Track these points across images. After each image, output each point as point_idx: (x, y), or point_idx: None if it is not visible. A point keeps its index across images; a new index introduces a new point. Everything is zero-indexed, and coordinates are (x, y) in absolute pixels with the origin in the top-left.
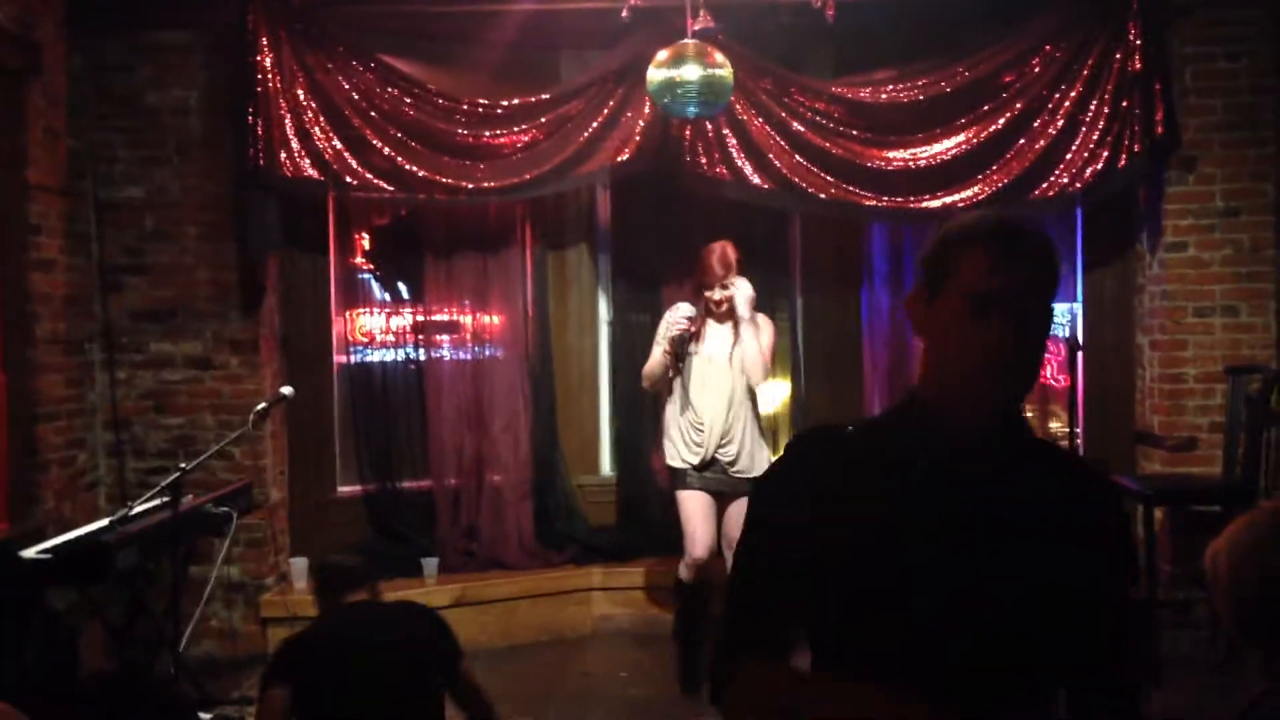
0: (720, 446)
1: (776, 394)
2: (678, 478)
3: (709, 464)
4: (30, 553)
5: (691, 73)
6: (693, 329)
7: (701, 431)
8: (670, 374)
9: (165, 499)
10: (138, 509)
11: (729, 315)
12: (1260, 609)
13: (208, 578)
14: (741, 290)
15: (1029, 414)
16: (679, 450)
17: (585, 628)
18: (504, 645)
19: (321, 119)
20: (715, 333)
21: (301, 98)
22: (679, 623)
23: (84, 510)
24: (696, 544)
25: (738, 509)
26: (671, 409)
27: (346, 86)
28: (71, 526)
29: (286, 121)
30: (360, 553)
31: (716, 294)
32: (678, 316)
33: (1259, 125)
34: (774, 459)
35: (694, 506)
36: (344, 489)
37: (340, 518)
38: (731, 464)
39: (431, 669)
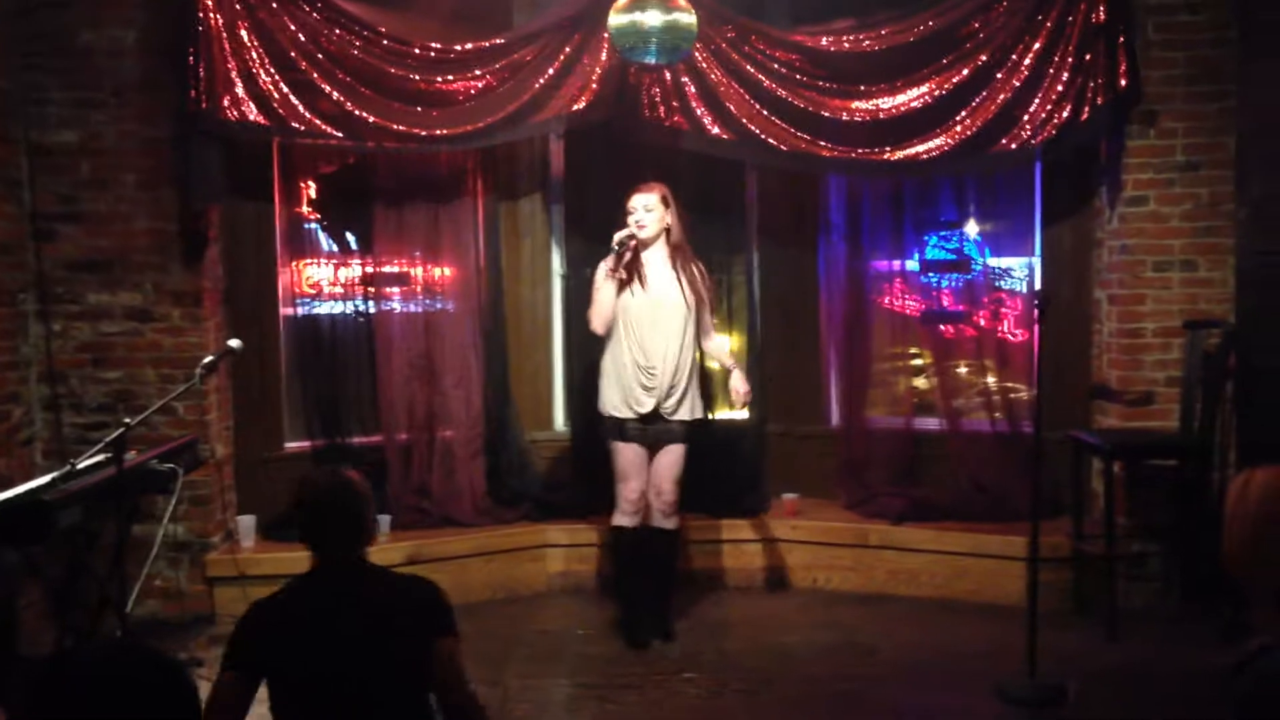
0: (668, 392)
1: (731, 345)
2: (615, 428)
3: (653, 414)
4: None
5: (654, 18)
6: (634, 244)
7: (654, 375)
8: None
9: (108, 455)
10: (82, 465)
11: (654, 238)
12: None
13: (152, 537)
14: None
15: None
16: (622, 400)
17: (540, 584)
18: (458, 603)
19: (266, 61)
20: (661, 273)
21: (245, 38)
22: (622, 575)
23: (20, 467)
24: (632, 487)
25: (667, 457)
26: (611, 356)
27: (292, 27)
28: (7, 484)
29: (229, 63)
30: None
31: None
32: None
33: (1220, 79)
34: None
35: (630, 456)
36: (291, 444)
37: (288, 474)
38: (671, 413)
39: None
